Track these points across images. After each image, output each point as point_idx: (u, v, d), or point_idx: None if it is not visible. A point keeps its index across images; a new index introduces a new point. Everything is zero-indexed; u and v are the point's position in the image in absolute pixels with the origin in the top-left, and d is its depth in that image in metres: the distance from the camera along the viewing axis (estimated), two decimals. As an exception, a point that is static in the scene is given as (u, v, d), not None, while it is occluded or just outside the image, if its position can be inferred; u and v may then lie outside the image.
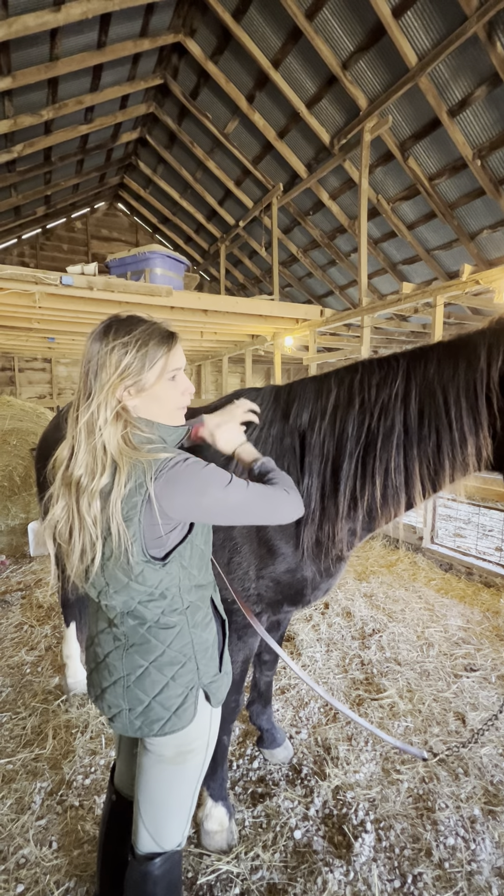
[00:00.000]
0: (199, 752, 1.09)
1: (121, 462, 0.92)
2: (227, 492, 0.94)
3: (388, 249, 6.98)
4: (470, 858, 1.60)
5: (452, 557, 4.33)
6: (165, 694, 1.01)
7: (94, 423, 0.93)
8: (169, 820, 1.09)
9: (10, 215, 8.02)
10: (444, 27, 4.02)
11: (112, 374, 0.94)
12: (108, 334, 0.96)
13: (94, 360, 0.95)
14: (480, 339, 1.16)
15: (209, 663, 1.07)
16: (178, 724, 1.02)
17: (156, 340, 0.98)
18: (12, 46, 4.38)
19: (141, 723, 1.02)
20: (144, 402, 0.99)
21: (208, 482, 0.94)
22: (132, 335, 0.96)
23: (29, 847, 1.64)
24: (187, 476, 0.93)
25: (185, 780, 1.09)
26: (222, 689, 1.12)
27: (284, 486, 1.06)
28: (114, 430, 0.93)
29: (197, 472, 0.94)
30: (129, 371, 0.95)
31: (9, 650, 2.97)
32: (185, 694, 1.03)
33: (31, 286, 4.30)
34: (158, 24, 5.23)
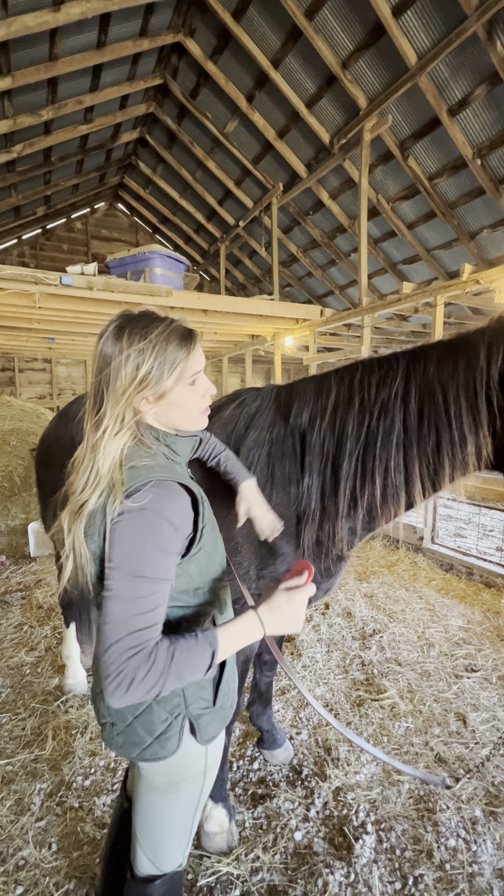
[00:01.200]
0: (194, 781, 1.00)
1: (110, 478, 0.86)
2: (119, 575, 0.79)
3: (388, 249, 6.98)
4: (471, 860, 1.59)
5: (453, 558, 4.32)
6: (147, 717, 0.92)
7: (104, 433, 0.87)
8: (166, 845, 1.03)
9: (10, 215, 8.02)
10: (444, 26, 4.02)
11: (128, 385, 0.86)
12: (121, 338, 0.87)
13: (108, 370, 0.87)
14: (480, 338, 1.16)
15: (198, 692, 0.96)
16: (161, 753, 0.92)
17: (175, 344, 0.89)
18: (12, 46, 4.37)
19: (122, 741, 0.94)
20: (165, 410, 0.92)
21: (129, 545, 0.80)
22: (149, 340, 0.87)
23: (28, 849, 1.63)
24: (132, 517, 0.81)
25: (181, 807, 1.02)
26: (214, 725, 0.98)
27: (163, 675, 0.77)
28: (118, 444, 0.87)
29: (136, 527, 0.80)
30: (147, 381, 0.87)
31: (8, 651, 2.97)
32: (169, 721, 0.92)
33: (31, 286, 4.30)
34: (158, 23, 5.22)
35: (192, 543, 0.91)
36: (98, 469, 0.86)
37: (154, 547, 0.81)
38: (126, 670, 0.75)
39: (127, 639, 0.76)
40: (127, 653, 0.75)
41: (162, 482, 0.86)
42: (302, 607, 0.89)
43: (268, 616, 0.87)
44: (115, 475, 0.85)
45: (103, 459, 0.86)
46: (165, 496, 0.84)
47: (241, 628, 0.86)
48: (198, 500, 0.92)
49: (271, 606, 0.87)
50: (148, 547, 0.81)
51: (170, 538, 0.84)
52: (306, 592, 0.90)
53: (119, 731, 0.93)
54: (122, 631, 0.77)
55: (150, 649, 0.77)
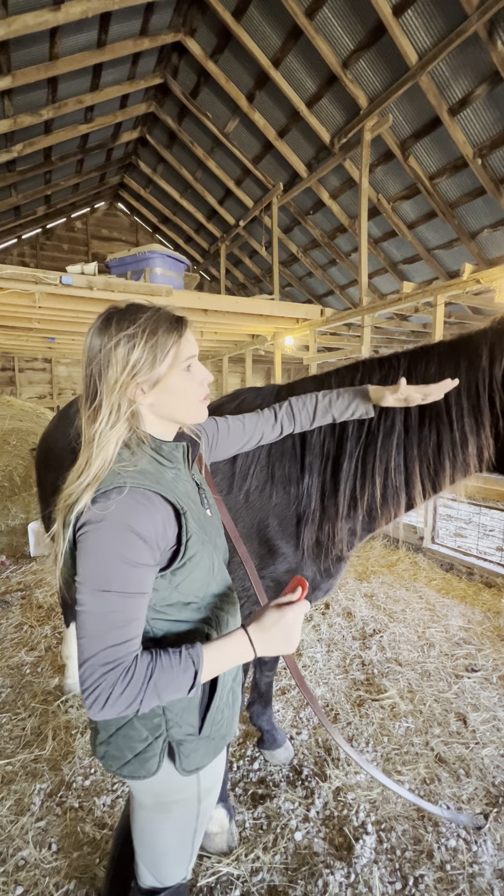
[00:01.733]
0: (186, 805, 0.95)
1: (102, 471, 0.82)
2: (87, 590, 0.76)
3: (388, 249, 6.97)
4: (472, 860, 1.59)
5: (453, 557, 4.32)
6: (129, 731, 0.87)
7: (98, 428, 0.83)
8: (166, 862, 1.00)
9: (10, 215, 8.02)
10: (445, 26, 4.01)
11: (120, 373, 0.82)
12: (109, 327, 0.84)
13: (98, 359, 0.83)
14: (482, 339, 1.15)
15: (182, 716, 0.89)
16: (141, 772, 0.87)
17: (164, 328, 0.86)
18: (12, 45, 4.37)
19: (104, 752, 0.90)
20: (161, 398, 0.88)
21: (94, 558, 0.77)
22: (137, 325, 0.84)
23: (28, 849, 1.63)
24: (98, 526, 0.77)
25: (176, 829, 0.97)
26: (199, 755, 0.91)
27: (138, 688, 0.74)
28: (115, 436, 0.83)
29: (100, 539, 0.76)
30: (139, 367, 0.83)
31: (8, 651, 2.96)
32: (149, 741, 0.87)
33: (31, 286, 4.30)
34: (158, 23, 5.22)
35: (176, 555, 0.85)
36: (91, 463, 0.82)
37: (119, 560, 0.77)
38: (103, 685, 0.73)
39: (102, 654, 0.74)
40: (103, 668, 0.74)
41: (134, 489, 0.80)
42: (295, 626, 0.82)
43: (258, 636, 0.81)
44: (103, 470, 0.82)
45: (98, 452, 0.82)
46: (132, 505, 0.79)
47: (229, 648, 0.81)
48: (179, 512, 0.86)
49: (261, 625, 0.82)
50: (113, 560, 0.76)
51: (137, 550, 0.78)
52: (300, 609, 0.84)
53: (102, 741, 0.90)
54: (97, 646, 0.75)
55: (127, 664, 0.75)
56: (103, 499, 0.78)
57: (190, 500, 0.92)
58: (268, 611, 0.84)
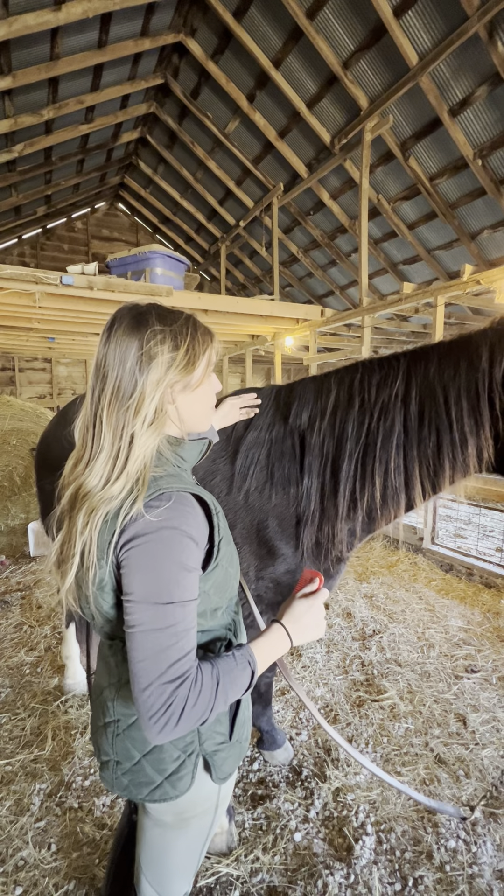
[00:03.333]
0: (205, 816, 0.94)
1: (143, 475, 0.78)
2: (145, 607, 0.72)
3: (388, 249, 6.97)
4: (471, 861, 1.59)
5: (453, 558, 4.32)
6: (158, 755, 0.85)
7: (135, 426, 0.78)
8: (174, 878, 0.99)
9: (11, 215, 8.02)
10: (445, 26, 4.01)
11: (164, 369, 0.79)
12: (147, 321, 0.80)
13: (136, 353, 0.78)
14: (482, 340, 1.15)
15: (214, 726, 0.88)
16: (172, 793, 0.86)
17: (201, 331, 0.85)
18: (13, 46, 4.37)
19: (128, 782, 0.86)
20: (185, 402, 0.85)
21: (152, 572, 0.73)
22: (178, 324, 0.82)
23: (28, 849, 1.63)
24: (151, 536, 0.73)
25: (190, 842, 0.96)
26: (230, 762, 0.91)
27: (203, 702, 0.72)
28: (153, 439, 0.80)
29: (156, 551, 0.73)
30: (181, 366, 0.81)
31: (8, 651, 2.96)
32: (181, 759, 0.85)
33: (32, 286, 4.30)
34: (159, 23, 5.22)
35: (209, 558, 0.84)
36: (126, 461, 0.78)
37: (178, 567, 0.74)
38: (175, 702, 0.70)
39: (168, 672, 0.71)
40: (171, 685, 0.71)
41: (178, 494, 0.78)
42: (321, 612, 0.88)
43: (293, 626, 0.85)
44: (144, 476, 0.78)
45: (135, 454, 0.77)
46: (181, 511, 0.77)
47: (271, 642, 0.83)
48: (211, 511, 0.84)
49: (294, 616, 0.86)
50: (172, 569, 0.74)
51: (191, 554, 0.77)
52: (321, 597, 0.90)
53: (125, 771, 0.86)
54: (162, 664, 0.71)
55: (194, 676, 0.73)
56: (148, 508, 0.75)
57: None
58: (295, 603, 0.88)
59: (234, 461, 1.44)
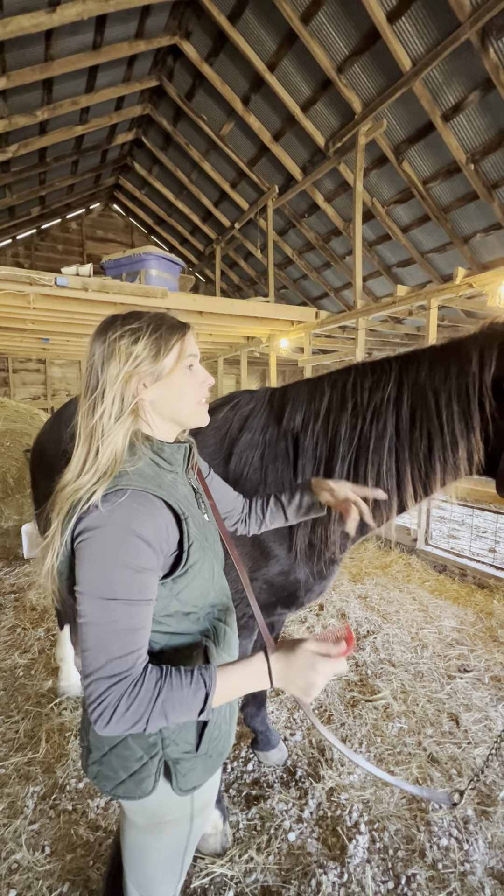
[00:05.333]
0: (179, 825, 0.93)
1: (112, 468, 0.79)
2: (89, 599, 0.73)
3: (382, 252, 7.02)
4: (463, 859, 1.60)
5: (446, 559, 4.35)
6: (123, 751, 0.85)
7: (100, 420, 0.81)
8: (154, 882, 0.98)
9: (5, 216, 7.99)
10: (438, 32, 4.06)
11: (123, 363, 0.82)
12: (113, 324, 0.85)
13: (100, 352, 0.83)
14: (472, 344, 1.17)
15: (179, 734, 0.86)
16: (136, 793, 0.85)
17: (168, 325, 0.87)
18: (7, 47, 4.37)
19: (97, 772, 0.87)
20: (163, 395, 0.87)
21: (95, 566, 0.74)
22: (142, 321, 0.86)
23: (21, 852, 1.62)
24: (98, 529, 0.75)
25: (166, 849, 0.95)
26: (195, 774, 0.88)
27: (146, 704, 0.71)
28: (122, 430, 0.82)
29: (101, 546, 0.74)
30: (142, 358, 0.83)
31: (1, 653, 2.95)
32: (144, 760, 0.84)
33: (26, 287, 4.29)
34: (154, 25, 5.23)
35: (178, 562, 0.84)
36: (97, 454, 0.80)
37: (123, 566, 0.74)
38: (108, 699, 0.70)
39: (108, 666, 0.72)
40: (108, 681, 0.71)
41: (136, 492, 0.78)
42: (323, 679, 0.76)
43: (281, 670, 0.76)
44: (112, 469, 0.79)
45: (105, 446, 0.80)
46: (135, 508, 0.77)
47: (245, 675, 0.77)
48: (181, 518, 0.84)
49: (289, 663, 0.77)
50: (116, 567, 0.74)
51: (141, 555, 0.76)
52: (335, 667, 0.77)
53: (94, 760, 0.88)
54: (102, 658, 0.72)
55: (134, 677, 0.72)
56: (103, 502, 0.76)
57: (189, 504, 0.91)
58: (301, 650, 0.78)
59: (227, 463, 1.45)
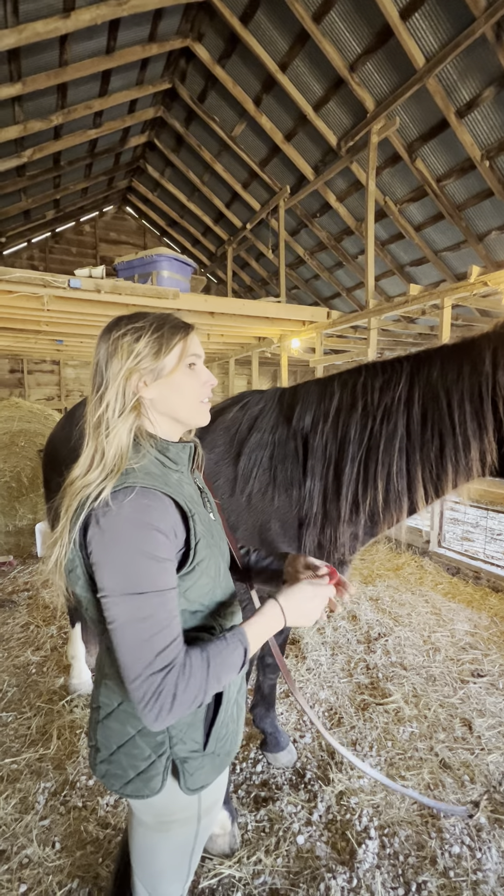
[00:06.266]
0: (186, 824, 0.93)
1: (119, 464, 0.81)
2: (118, 601, 0.74)
3: (395, 251, 6.96)
4: (475, 867, 1.58)
5: (460, 561, 4.29)
6: (131, 749, 0.86)
7: (103, 416, 0.83)
8: (162, 881, 0.99)
9: (20, 219, 8.12)
10: (452, 28, 4.01)
11: (125, 360, 0.83)
12: (118, 324, 0.88)
13: (105, 350, 0.86)
14: (485, 343, 1.15)
15: (186, 732, 0.87)
16: (144, 791, 0.86)
17: (171, 325, 0.89)
18: (22, 53, 4.43)
19: (105, 771, 0.88)
20: (164, 394, 0.88)
21: (117, 565, 0.74)
22: (146, 320, 0.87)
23: (32, 847, 1.64)
24: (112, 526, 0.75)
25: (174, 847, 0.96)
26: (203, 773, 0.89)
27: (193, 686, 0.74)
28: (125, 426, 0.83)
29: (118, 543, 0.75)
30: (143, 355, 0.84)
31: (15, 650, 2.99)
32: (152, 759, 0.85)
33: (40, 289, 4.35)
34: (167, 28, 5.26)
35: (185, 560, 0.84)
36: (104, 451, 0.82)
37: (143, 556, 0.75)
38: (165, 690, 0.72)
39: (155, 661, 0.73)
40: (160, 675, 0.72)
41: (144, 489, 0.79)
42: (320, 606, 0.90)
43: (289, 606, 0.86)
44: (120, 462, 0.81)
45: (109, 442, 0.82)
46: (144, 504, 0.78)
47: (266, 620, 0.84)
48: (187, 515, 0.85)
49: (295, 598, 0.87)
50: (137, 559, 0.75)
51: (160, 545, 0.77)
52: (326, 591, 0.91)
53: (103, 759, 0.89)
54: (147, 655, 0.72)
55: (181, 661, 0.74)
56: (112, 499, 0.77)
57: (195, 503, 0.91)
58: (299, 587, 0.89)
59: (237, 463, 1.45)
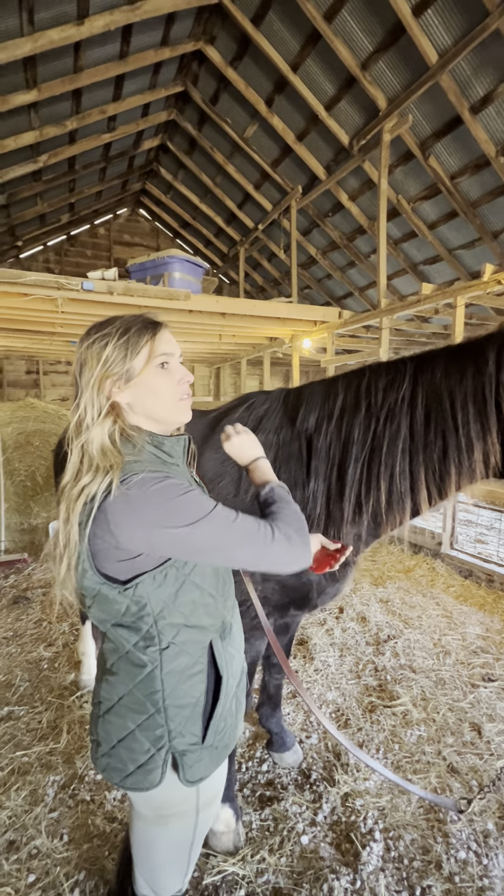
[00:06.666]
0: (185, 817, 0.95)
1: (102, 464, 0.83)
2: (193, 530, 0.80)
3: (408, 250, 6.89)
4: (482, 874, 1.56)
5: (472, 564, 4.22)
6: (131, 743, 0.88)
7: (82, 422, 0.87)
8: (162, 874, 1.01)
9: (36, 223, 8.28)
10: (465, 23, 3.96)
11: (95, 368, 0.87)
12: (89, 333, 0.92)
13: (78, 359, 0.90)
14: (489, 344, 1.14)
15: (185, 726, 0.89)
16: (144, 784, 0.88)
17: (137, 328, 0.91)
18: (38, 60, 4.53)
19: (106, 764, 0.91)
20: (138, 396, 0.90)
21: (172, 514, 0.80)
22: (112, 326, 0.90)
23: (41, 838, 1.68)
24: (150, 501, 0.79)
25: (172, 841, 0.98)
26: (202, 765, 0.91)
27: (290, 527, 0.89)
28: (100, 430, 0.86)
29: (164, 498, 0.80)
30: (111, 361, 0.87)
31: (28, 646, 3.06)
32: (151, 752, 0.87)
33: (54, 291, 4.43)
34: (179, 32, 5.31)
35: None
36: (90, 455, 0.85)
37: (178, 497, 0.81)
38: (279, 534, 0.87)
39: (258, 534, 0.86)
40: (266, 536, 0.86)
41: (147, 473, 0.83)
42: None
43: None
44: (113, 458, 0.84)
45: (91, 444, 0.86)
46: (152, 477, 0.83)
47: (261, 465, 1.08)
48: None
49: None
50: (188, 497, 0.82)
51: (181, 485, 0.84)
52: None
53: (104, 753, 0.91)
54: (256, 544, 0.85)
55: (270, 527, 0.87)
56: (122, 485, 0.80)
57: None
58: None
59: (241, 464, 1.45)
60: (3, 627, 3.32)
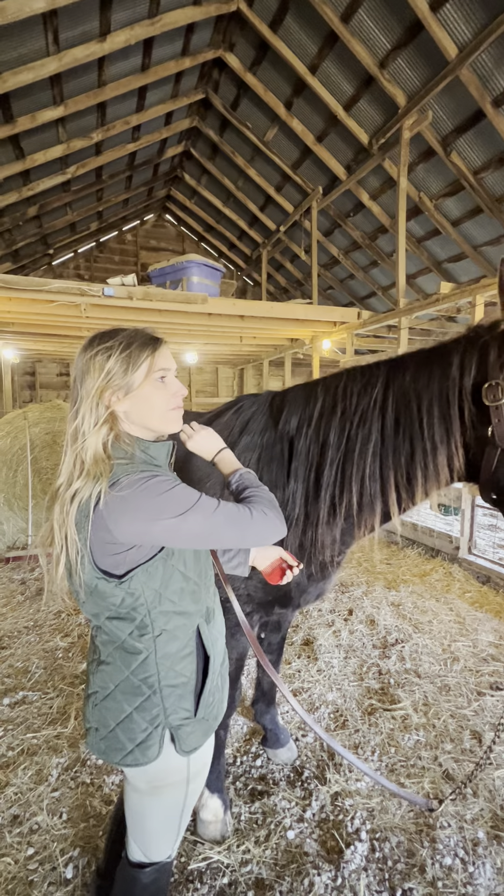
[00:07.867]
0: (176, 788, 1.04)
1: (94, 469, 0.90)
2: (184, 519, 0.87)
3: (431, 248, 6.74)
4: (466, 881, 1.54)
5: (491, 570, 4.10)
6: (128, 725, 0.96)
7: (79, 429, 0.92)
8: (154, 840, 1.09)
9: (67, 231, 8.62)
10: (486, 15, 3.86)
11: (97, 378, 0.92)
12: (91, 344, 0.96)
13: (80, 368, 0.95)
14: (455, 348, 1.14)
15: (178, 702, 0.98)
16: (142, 759, 0.96)
17: (139, 343, 0.96)
18: (64, 77, 4.74)
19: (105, 747, 0.98)
20: (135, 406, 0.96)
21: (163, 508, 0.87)
22: (115, 339, 0.95)
23: (42, 815, 1.79)
24: (142, 498, 0.87)
25: (164, 810, 1.06)
26: (195, 736, 1.01)
27: (263, 505, 0.98)
28: (97, 438, 0.92)
29: (154, 494, 0.87)
30: (113, 373, 0.93)
31: (46, 635, 3.22)
32: (149, 730, 0.96)
33: (77, 298, 4.62)
34: (199, 41, 5.43)
35: None
36: (84, 460, 0.91)
37: (168, 490, 0.89)
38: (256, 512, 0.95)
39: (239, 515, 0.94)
40: (246, 515, 0.94)
41: (138, 473, 0.90)
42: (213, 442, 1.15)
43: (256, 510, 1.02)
44: (103, 465, 0.90)
45: (85, 452, 0.91)
46: (159, 478, 0.90)
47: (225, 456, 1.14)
48: None
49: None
50: (174, 492, 0.89)
51: (169, 480, 0.91)
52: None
53: (102, 737, 0.98)
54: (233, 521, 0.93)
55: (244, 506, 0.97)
56: (114, 487, 0.87)
57: None
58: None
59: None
60: (25, 617, 3.51)
